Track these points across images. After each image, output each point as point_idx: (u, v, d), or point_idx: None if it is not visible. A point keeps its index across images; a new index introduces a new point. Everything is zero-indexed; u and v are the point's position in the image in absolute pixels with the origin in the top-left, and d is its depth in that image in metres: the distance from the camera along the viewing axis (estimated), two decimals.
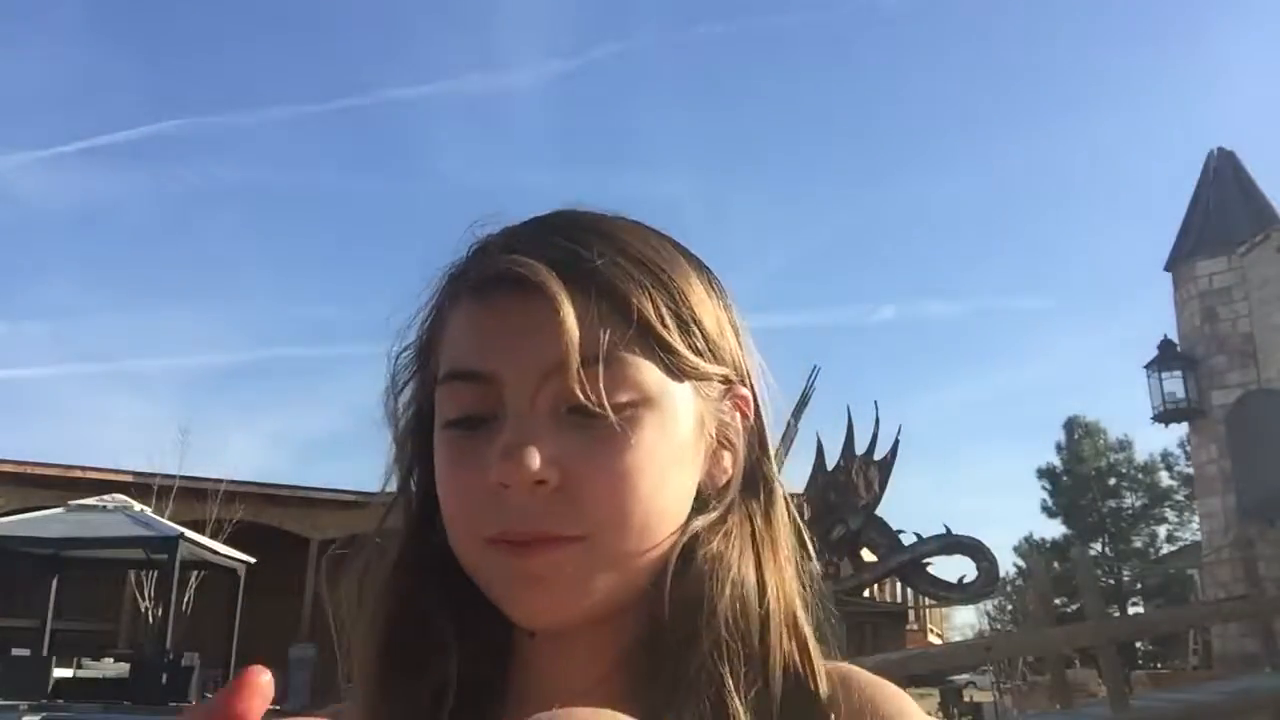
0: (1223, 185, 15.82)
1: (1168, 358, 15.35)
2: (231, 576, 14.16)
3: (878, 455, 15.87)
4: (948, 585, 16.21)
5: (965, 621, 44.13)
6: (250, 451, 37.83)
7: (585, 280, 0.52)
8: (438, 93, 47.53)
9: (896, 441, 15.96)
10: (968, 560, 15.87)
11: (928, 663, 9.50)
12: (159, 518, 13.87)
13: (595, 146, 53.62)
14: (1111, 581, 28.30)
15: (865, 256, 63.48)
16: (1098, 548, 30.67)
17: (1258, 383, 14.56)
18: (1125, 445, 32.08)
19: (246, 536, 15.86)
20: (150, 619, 15.34)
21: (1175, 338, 15.62)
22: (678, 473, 0.54)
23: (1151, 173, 61.63)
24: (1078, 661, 17.85)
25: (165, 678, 11.63)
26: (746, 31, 53.81)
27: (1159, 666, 21.81)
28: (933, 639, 29.07)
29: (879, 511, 15.73)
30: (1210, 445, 15.16)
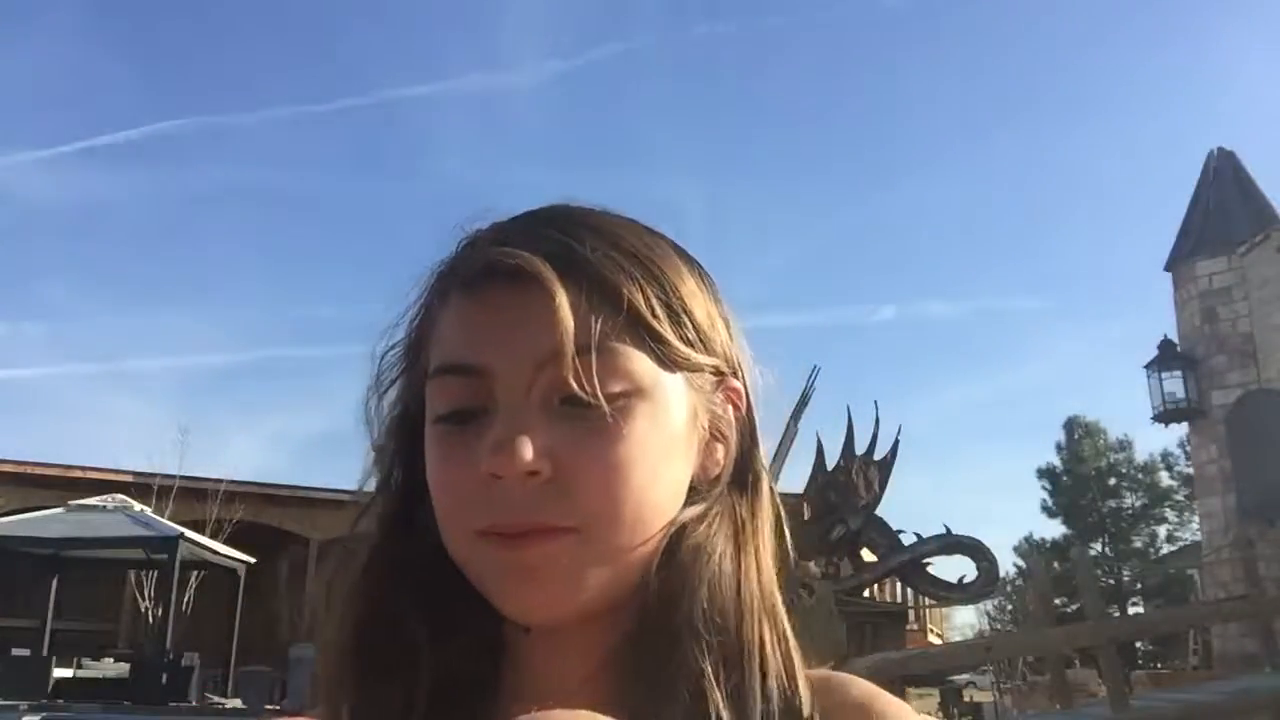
0: (1223, 185, 15.82)
1: (1168, 358, 15.35)
2: (231, 576, 14.15)
3: (878, 455, 15.83)
4: (948, 585, 16.18)
5: (965, 621, 44.09)
6: (250, 451, 37.79)
7: (577, 271, 0.52)
8: (438, 93, 47.54)
9: (896, 441, 15.91)
10: (968, 560, 15.84)
11: (928, 663, 9.50)
12: (159, 518, 13.86)
13: (595, 146, 53.49)
14: (1111, 581, 28.33)
15: (865, 256, 63.36)
16: (1098, 548, 30.68)
17: (1258, 383, 14.56)
18: (1125, 445, 32.14)
19: (246, 536, 15.86)
20: (150, 619, 15.35)
21: (1175, 338, 15.61)
22: (671, 465, 0.53)
23: (1151, 173, 61.63)
24: (1078, 661, 17.84)
25: (165, 678, 11.62)
26: (746, 31, 53.72)
27: (1159, 666, 21.79)
28: (933, 639, 29.03)
29: (879, 511, 15.71)
30: (1210, 445, 15.16)
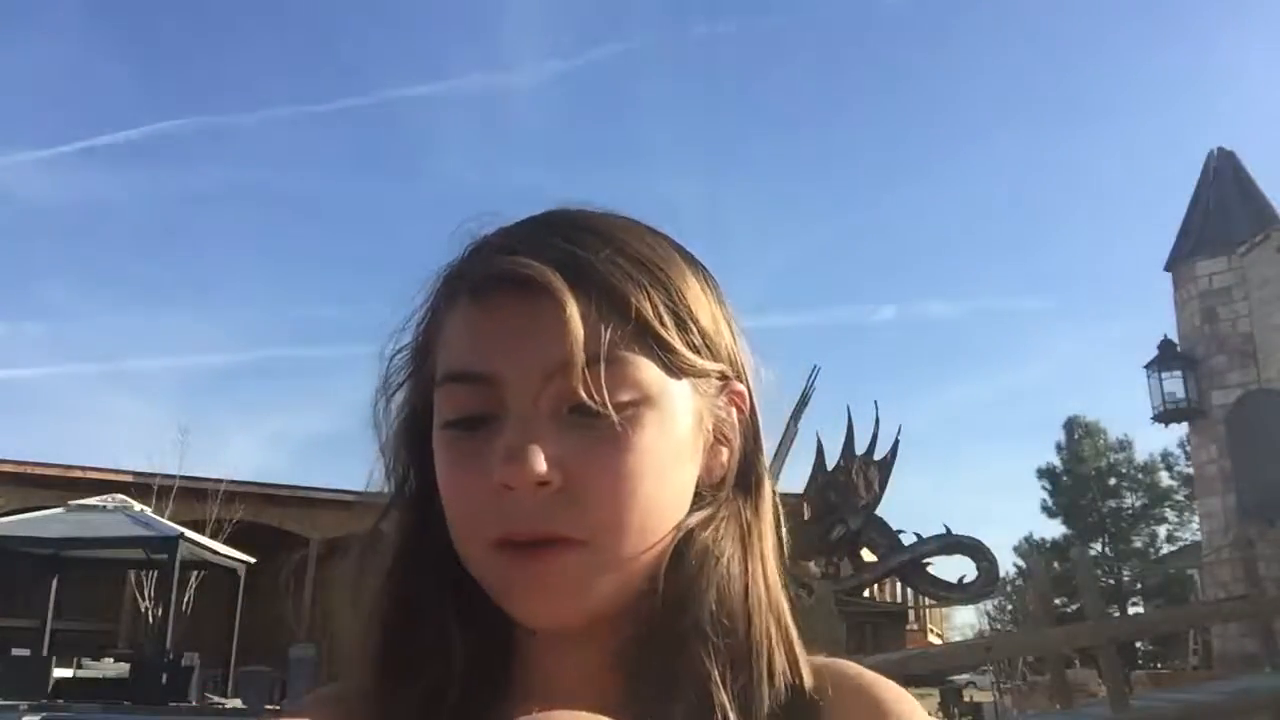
0: (1223, 185, 15.81)
1: (1168, 358, 15.35)
2: (231, 576, 14.15)
3: (878, 455, 15.87)
4: (948, 585, 16.22)
5: (965, 621, 44.14)
6: (250, 451, 37.86)
7: (585, 280, 0.51)
8: (438, 93, 47.65)
9: (896, 441, 15.98)
10: (968, 560, 15.89)
11: (928, 663, 9.48)
12: (159, 518, 13.85)
13: (595, 146, 53.61)
14: (1111, 581, 28.33)
15: (865, 257, 63.47)
16: (1098, 548, 30.69)
17: (1258, 383, 14.56)
18: (1125, 445, 32.16)
19: (246, 536, 15.85)
20: (150, 619, 15.35)
21: (1175, 338, 15.62)
22: (677, 471, 0.54)
23: (1152, 173, 61.67)
24: (1078, 661, 17.84)
25: (165, 678, 11.61)
26: (746, 31, 53.79)
27: (1159, 666, 21.79)
28: (933, 639, 29.04)
29: (879, 511, 15.74)
30: (1210, 445, 15.16)
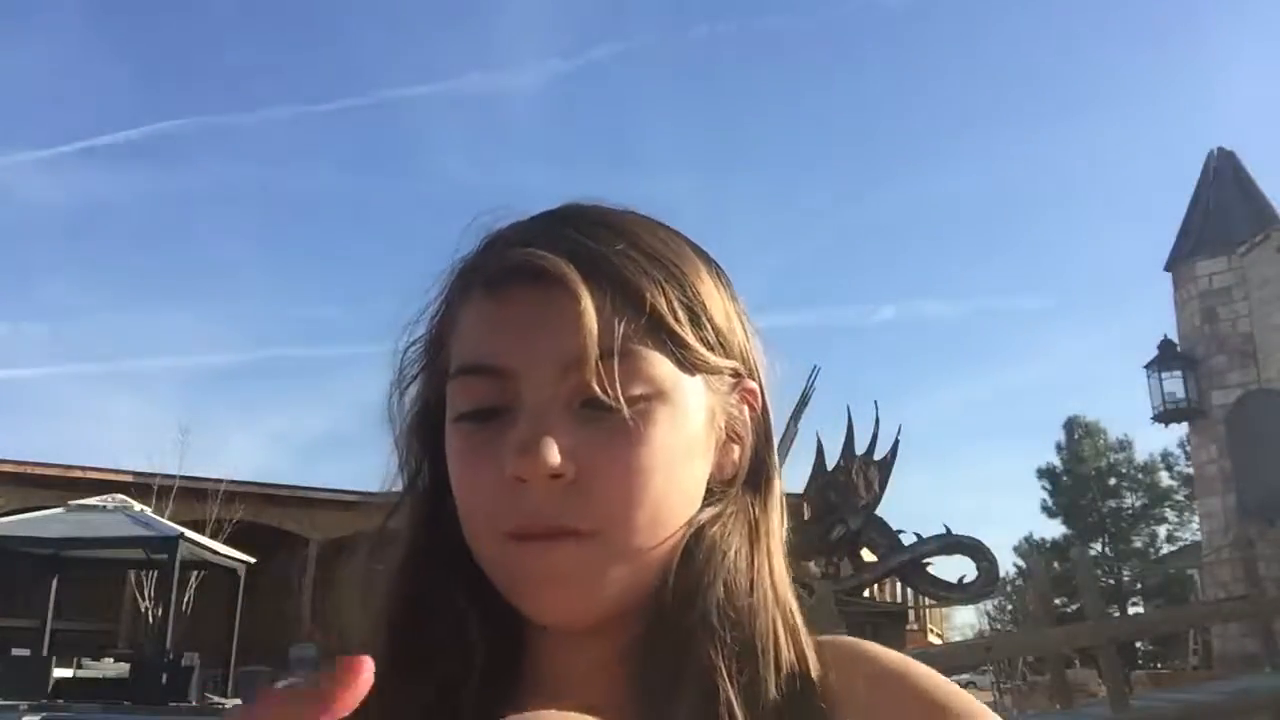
0: (1223, 185, 15.82)
1: (1168, 358, 15.35)
2: (231, 576, 14.16)
3: (878, 455, 15.83)
4: (948, 585, 16.18)
5: (965, 621, 44.18)
6: (250, 451, 37.88)
7: (600, 274, 0.52)
8: (438, 92, 47.67)
9: (896, 441, 15.92)
10: (968, 560, 15.84)
11: (927, 663, 9.42)
12: (159, 518, 13.87)
13: (595, 146, 53.66)
14: (1111, 581, 28.33)
15: (865, 256, 63.57)
16: (1098, 548, 30.70)
17: (1258, 383, 14.56)
18: (1125, 445, 32.17)
19: (246, 536, 15.87)
20: (150, 619, 15.36)
21: (1175, 338, 15.62)
22: (689, 467, 0.54)
23: (1151, 173, 61.67)
24: (1078, 661, 17.85)
25: (165, 678, 11.61)
26: (746, 31, 53.79)
27: (1159, 666, 21.81)
28: (933, 639, 29.04)
29: (879, 511, 15.71)
30: (1210, 445, 15.16)
